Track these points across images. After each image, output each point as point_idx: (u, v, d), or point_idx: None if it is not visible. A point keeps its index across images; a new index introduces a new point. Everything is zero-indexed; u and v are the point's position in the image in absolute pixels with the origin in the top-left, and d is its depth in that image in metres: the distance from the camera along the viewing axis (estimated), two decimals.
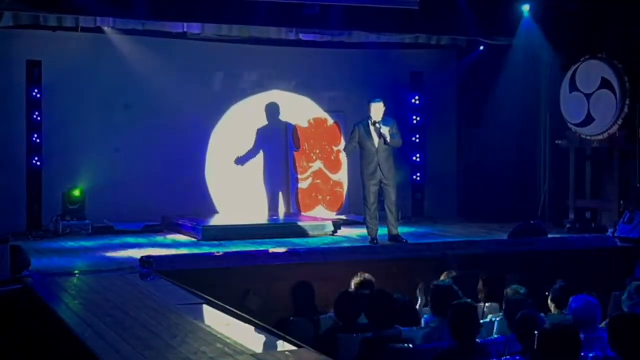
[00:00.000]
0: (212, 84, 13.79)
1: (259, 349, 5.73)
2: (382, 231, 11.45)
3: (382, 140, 11.16)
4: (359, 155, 11.39)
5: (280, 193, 14.25)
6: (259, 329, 6.29)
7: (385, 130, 11.09)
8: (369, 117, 11.25)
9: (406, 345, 6.33)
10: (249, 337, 6.10)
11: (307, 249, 10.55)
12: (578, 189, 12.84)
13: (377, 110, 11.24)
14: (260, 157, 14.09)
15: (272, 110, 14.14)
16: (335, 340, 6.54)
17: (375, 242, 11.20)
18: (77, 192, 12.62)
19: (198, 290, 7.74)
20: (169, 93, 13.24)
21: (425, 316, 7.43)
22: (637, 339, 5.47)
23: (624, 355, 5.50)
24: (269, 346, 5.88)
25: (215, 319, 6.72)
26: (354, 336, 6.46)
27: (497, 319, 7.25)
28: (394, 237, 11.31)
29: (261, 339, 6.10)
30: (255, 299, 8.75)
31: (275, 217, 13.71)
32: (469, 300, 6.49)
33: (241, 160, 13.95)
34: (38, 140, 12.53)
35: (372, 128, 11.21)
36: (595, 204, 12.82)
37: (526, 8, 13.11)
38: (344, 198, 14.48)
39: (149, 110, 13.22)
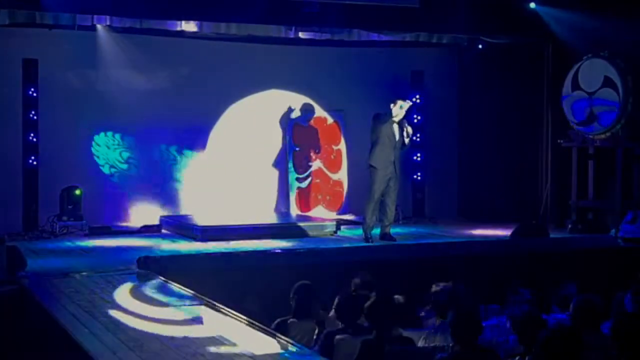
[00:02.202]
0: (210, 83, 13.66)
1: (258, 350, 5.67)
2: (377, 230, 11.50)
3: (402, 139, 11.17)
4: (372, 150, 11.29)
5: (280, 193, 14.17)
6: (258, 330, 6.23)
7: (410, 131, 11.17)
8: (390, 114, 11.21)
9: (407, 346, 6.26)
10: (248, 338, 6.05)
11: (307, 249, 10.48)
12: (580, 188, 12.77)
13: (404, 110, 11.27)
14: (259, 157, 14.01)
15: (271, 109, 14.05)
16: (335, 341, 6.45)
17: (370, 240, 11.15)
18: (75, 192, 12.52)
19: (196, 291, 7.68)
20: (166, 91, 13.17)
21: None
22: None
23: (627, 356, 5.45)
24: (268, 348, 5.82)
25: (213, 320, 6.69)
26: (354, 338, 6.38)
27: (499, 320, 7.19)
28: (385, 235, 11.29)
29: (260, 340, 6.03)
30: (254, 299, 8.66)
31: (274, 217, 13.63)
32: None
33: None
34: (34, 140, 12.47)
35: (394, 125, 11.20)
36: (597, 204, 12.74)
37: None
38: (344, 197, 14.40)
39: (145, 109, 13.12)
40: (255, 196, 13.94)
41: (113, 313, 6.83)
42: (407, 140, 11.31)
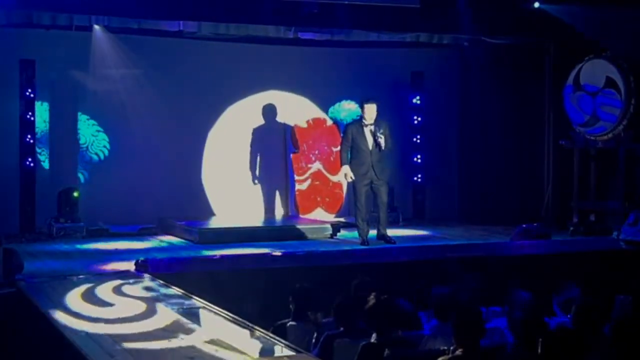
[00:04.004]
0: (208, 84, 13.60)
1: (256, 353, 5.63)
2: (374, 233, 11.45)
3: (377, 144, 11.11)
4: (350, 155, 11.29)
5: (278, 195, 14.12)
6: (257, 333, 6.19)
7: (381, 138, 11.04)
8: (362, 118, 11.22)
9: (407, 349, 6.19)
10: (246, 341, 6.02)
11: (305, 252, 10.41)
12: (582, 190, 12.73)
13: (371, 111, 11.22)
14: (258, 159, 13.95)
15: (270, 110, 14.01)
16: (335, 345, 6.38)
17: (365, 243, 11.13)
18: (74, 194, 12.46)
19: (194, 294, 7.64)
20: (164, 92, 13.10)
21: None
22: None
23: (628, 359, 5.43)
24: (267, 351, 5.79)
25: (212, 323, 6.66)
26: (354, 341, 6.32)
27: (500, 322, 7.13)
28: (382, 237, 11.28)
29: (259, 343, 6.01)
30: (252, 302, 8.62)
31: (273, 220, 13.57)
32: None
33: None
34: (31, 141, 12.41)
35: (365, 129, 11.14)
36: (599, 206, 12.68)
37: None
38: (343, 199, 14.32)
39: (144, 110, 13.04)
40: (254, 198, 13.88)
41: (110, 315, 6.78)
42: (383, 146, 11.17)
